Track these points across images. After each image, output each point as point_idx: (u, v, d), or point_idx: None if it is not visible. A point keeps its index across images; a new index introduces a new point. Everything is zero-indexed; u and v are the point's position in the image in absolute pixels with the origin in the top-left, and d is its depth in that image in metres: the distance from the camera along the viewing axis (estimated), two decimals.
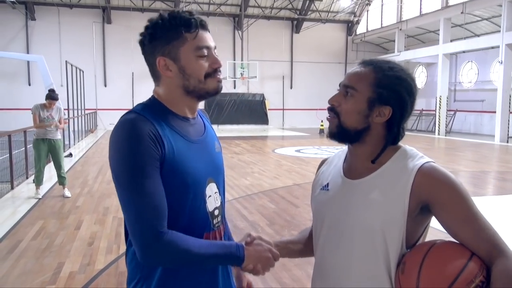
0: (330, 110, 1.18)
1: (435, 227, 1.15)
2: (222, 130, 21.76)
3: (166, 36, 1.16)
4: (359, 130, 1.15)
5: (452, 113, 21.91)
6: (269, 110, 25.55)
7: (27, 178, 8.00)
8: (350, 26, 26.96)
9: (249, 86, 25.34)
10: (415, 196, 1.08)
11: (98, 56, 22.89)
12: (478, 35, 20.61)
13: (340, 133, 1.17)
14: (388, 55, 24.32)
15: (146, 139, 1.08)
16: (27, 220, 5.38)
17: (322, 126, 19.86)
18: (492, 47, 18.15)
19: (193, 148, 1.21)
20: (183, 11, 1.18)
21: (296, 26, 26.00)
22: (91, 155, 12.06)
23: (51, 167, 7.40)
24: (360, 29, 26.82)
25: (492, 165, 11.03)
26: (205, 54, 1.18)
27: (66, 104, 13.91)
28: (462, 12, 18.12)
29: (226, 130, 22.16)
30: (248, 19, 24.37)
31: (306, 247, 1.37)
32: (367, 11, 26.11)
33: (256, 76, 23.52)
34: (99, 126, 22.26)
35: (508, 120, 16.74)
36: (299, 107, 26.08)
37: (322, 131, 19.56)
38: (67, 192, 6.69)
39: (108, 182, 7.72)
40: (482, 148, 14.66)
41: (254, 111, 25.30)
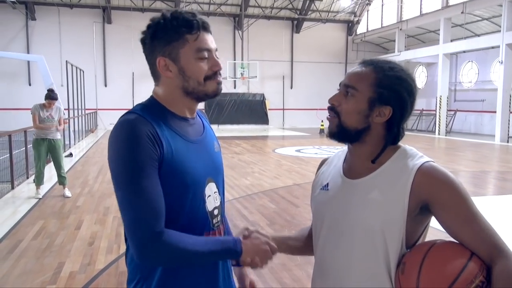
0: (331, 110, 1.18)
1: (435, 227, 1.15)
2: (223, 130, 21.76)
3: (167, 36, 1.15)
4: (359, 130, 1.15)
5: (452, 113, 21.90)
6: (269, 110, 25.55)
7: (28, 178, 8.00)
8: (350, 26, 26.96)
9: (249, 86, 25.34)
10: (415, 195, 1.08)
11: (99, 56, 22.90)
12: (479, 35, 20.60)
13: (340, 132, 1.17)
14: (388, 55, 24.32)
15: (144, 140, 1.08)
16: (28, 220, 5.39)
17: (322, 126, 19.86)
18: (493, 47, 18.15)
19: (192, 148, 1.21)
20: (186, 12, 1.17)
21: (296, 26, 26.00)
22: (92, 155, 12.06)
23: (51, 167, 7.40)
24: (360, 29, 26.81)
25: (492, 165, 11.03)
26: (205, 56, 1.17)
27: (67, 104, 13.92)
28: (462, 12, 18.12)
29: (227, 130, 22.16)
30: (248, 19, 24.38)
31: (306, 245, 1.37)
32: (367, 11, 26.11)
33: (256, 76, 23.54)
34: (100, 126, 22.26)
35: (509, 120, 16.73)
36: (299, 107, 26.08)
37: (322, 131, 19.54)
38: (68, 192, 6.69)
39: (109, 182, 7.72)
40: (483, 148, 14.66)
41: (254, 111, 25.30)
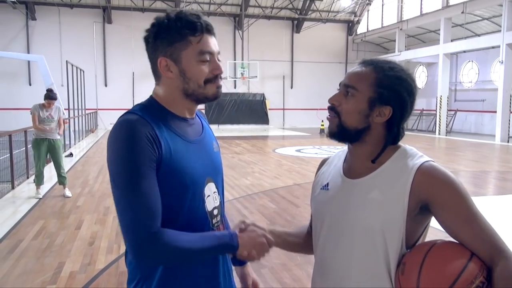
0: (331, 110, 1.18)
1: (435, 227, 1.15)
2: (223, 130, 21.77)
3: (169, 37, 1.15)
4: (360, 130, 1.15)
5: (452, 113, 21.90)
6: (269, 110, 25.56)
7: (28, 178, 8.00)
8: (350, 26, 26.96)
9: (249, 86, 25.35)
10: (415, 195, 1.08)
11: (99, 56, 22.91)
12: (479, 35, 20.60)
13: (340, 132, 1.17)
14: (388, 55, 24.32)
15: (143, 140, 1.08)
16: (28, 220, 5.39)
17: (322, 126, 19.86)
18: (493, 47, 18.15)
19: (191, 148, 1.21)
20: (191, 13, 1.16)
21: (296, 26, 26.00)
22: (92, 155, 12.06)
23: (51, 167, 7.40)
24: (361, 28, 26.81)
25: (492, 165, 11.02)
26: (207, 59, 1.17)
27: (67, 104, 13.93)
28: (462, 12, 18.12)
29: (227, 130, 22.17)
30: (249, 19, 24.38)
31: (305, 243, 1.37)
32: (368, 10, 26.11)
33: (256, 76, 23.54)
34: (100, 126, 22.27)
35: (509, 120, 16.73)
36: (300, 107, 26.08)
37: (322, 131, 19.55)
38: (68, 192, 6.69)
39: (109, 182, 7.69)
40: (483, 148, 14.65)
41: (255, 111, 25.31)
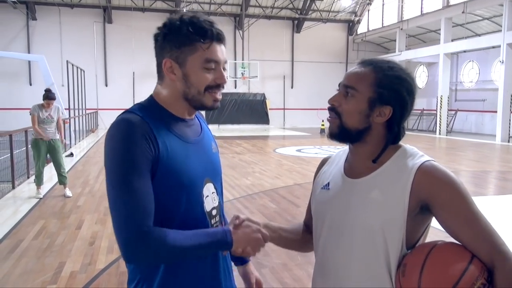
0: (331, 110, 1.18)
1: (435, 227, 1.15)
2: (223, 130, 21.77)
3: (178, 40, 1.15)
4: (360, 130, 1.15)
5: (453, 112, 21.89)
6: (270, 109, 25.55)
7: (28, 178, 8.01)
8: (351, 26, 26.96)
9: (250, 86, 25.35)
10: (415, 195, 1.08)
11: (99, 55, 22.91)
12: (479, 35, 20.59)
13: (341, 133, 1.17)
14: (389, 54, 24.31)
15: (139, 139, 1.08)
16: (28, 219, 5.39)
17: (323, 125, 19.85)
18: (493, 47, 18.14)
19: (189, 148, 1.21)
20: (205, 20, 1.16)
21: (297, 25, 26.00)
22: (92, 154, 12.06)
23: (51, 167, 7.39)
24: (361, 28, 26.80)
25: (493, 164, 11.02)
26: (212, 67, 1.17)
27: (67, 104, 13.94)
28: (463, 12, 18.11)
29: (227, 130, 22.17)
30: (249, 18, 24.38)
31: (303, 240, 1.37)
32: (368, 10, 26.10)
33: (257, 76, 23.54)
34: (100, 126, 22.26)
35: (509, 120, 16.71)
36: (300, 106, 26.08)
37: (323, 131, 19.54)
38: (68, 192, 6.69)
39: None
40: (483, 147, 14.65)
41: (255, 110, 25.31)
